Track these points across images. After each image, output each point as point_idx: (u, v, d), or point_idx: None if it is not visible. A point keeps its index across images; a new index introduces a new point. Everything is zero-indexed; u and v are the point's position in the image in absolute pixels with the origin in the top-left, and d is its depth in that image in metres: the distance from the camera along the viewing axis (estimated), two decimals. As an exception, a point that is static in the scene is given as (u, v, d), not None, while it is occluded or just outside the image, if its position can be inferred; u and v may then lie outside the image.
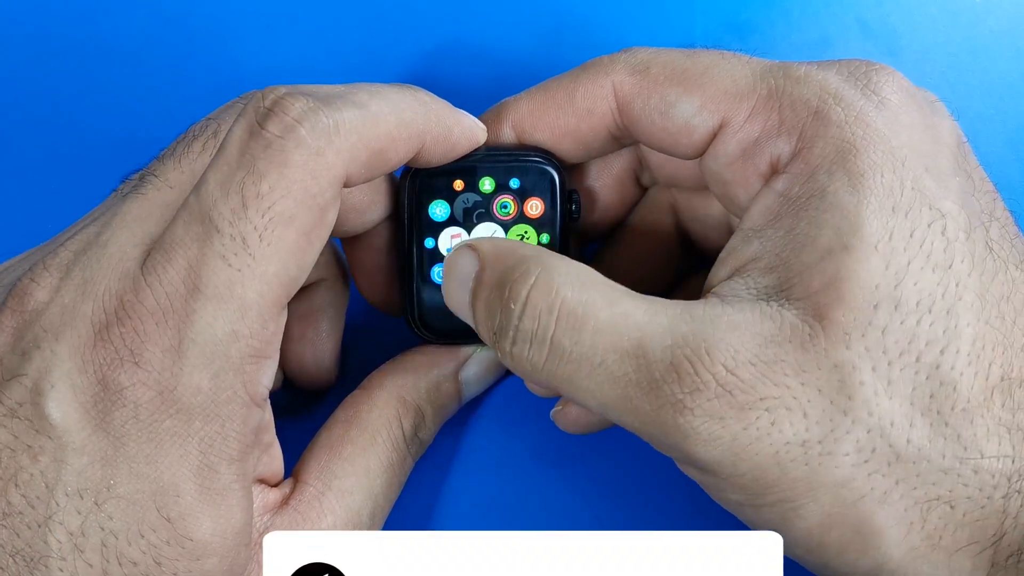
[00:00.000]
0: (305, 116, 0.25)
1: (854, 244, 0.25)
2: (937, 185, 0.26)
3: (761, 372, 0.24)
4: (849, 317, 0.24)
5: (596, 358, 0.25)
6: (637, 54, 0.30)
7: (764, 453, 0.24)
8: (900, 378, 0.24)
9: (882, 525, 0.24)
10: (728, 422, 0.24)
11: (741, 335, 0.25)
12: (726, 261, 0.28)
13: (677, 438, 0.25)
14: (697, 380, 0.24)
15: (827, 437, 0.24)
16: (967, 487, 0.24)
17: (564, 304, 0.26)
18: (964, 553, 0.25)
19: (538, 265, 0.27)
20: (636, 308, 0.26)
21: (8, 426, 0.24)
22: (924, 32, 0.41)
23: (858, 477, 0.24)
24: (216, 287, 0.24)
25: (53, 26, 0.41)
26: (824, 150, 0.26)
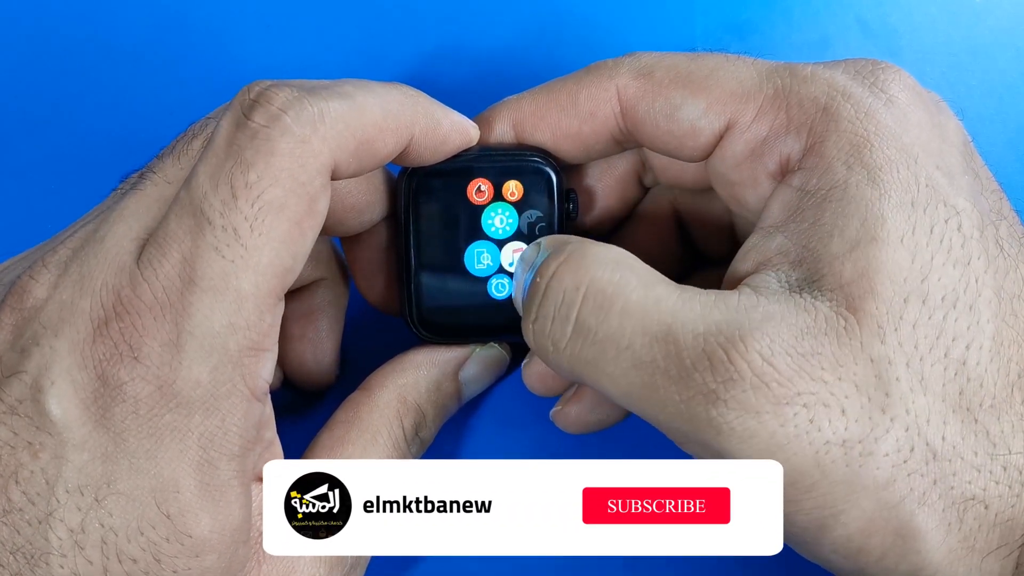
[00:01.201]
0: (290, 105, 0.25)
1: (881, 236, 0.25)
2: (949, 183, 0.26)
3: (798, 364, 0.23)
4: (882, 310, 0.24)
5: (623, 340, 0.25)
6: (641, 58, 0.30)
7: (803, 453, 0.23)
8: (931, 374, 0.24)
9: (923, 528, 0.24)
10: (765, 418, 0.23)
11: (777, 325, 0.24)
12: (748, 257, 0.27)
13: (708, 433, 0.24)
14: (731, 369, 0.23)
15: (867, 436, 0.23)
16: (998, 485, 0.24)
17: (594, 282, 0.25)
18: (994, 556, 0.24)
19: (575, 246, 0.26)
20: (669, 293, 0.25)
21: (8, 423, 0.24)
22: (924, 32, 0.41)
23: (899, 478, 0.23)
24: (211, 279, 0.24)
25: (53, 26, 0.41)
26: (838, 144, 0.26)
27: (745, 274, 0.27)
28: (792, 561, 0.27)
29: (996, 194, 0.28)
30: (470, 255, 0.32)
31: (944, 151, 0.27)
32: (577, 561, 0.34)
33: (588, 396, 0.33)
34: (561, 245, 0.27)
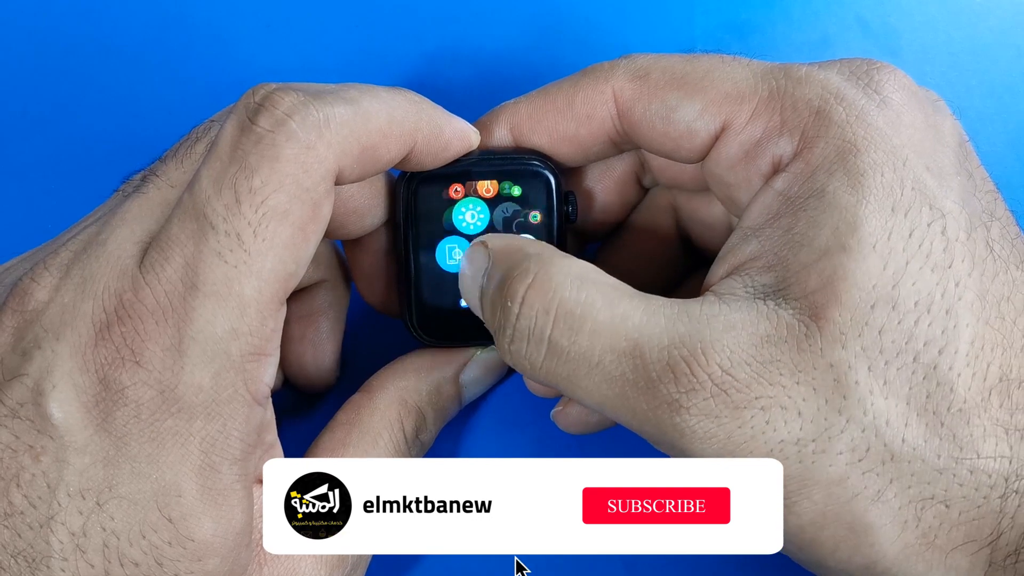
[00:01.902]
0: (295, 110, 0.25)
1: (851, 244, 0.25)
2: (938, 184, 0.26)
3: (756, 372, 0.24)
4: (845, 317, 0.24)
5: (593, 358, 0.25)
6: (637, 60, 0.30)
7: (758, 451, 0.24)
8: (896, 378, 0.24)
9: (875, 523, 0.24)
10: (723, 421, 0.24)
11: (737, 335, 0.25)
12: (725, 259, 0.28)
13: (673, 436, 0.25)
14: (693, 380, 0.24)
15: (821, 436, 0.24)
16: (963, 487, 0.24)
17: (562, 304, 0.26)
18: (960, 552, 0.25)
19: (538, 263, 0.27)
20: (635, 309, 0.26)
21: (9, 426, 0.24)
22: (924, 32, 0.41)
23: (852, 475, 0.24)
24: (214, 284, 0.24)
25: (53, 26, 0.41)
26: (825, 150, 0.26)
27: (719, 278, 0.27)
28: (791, 561, 0.27)
29: (990, 195, 0.28)
30: (441, 250, 0.32)
31: (937, 152, 0.27)
32: (577, 561, 0.34)
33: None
34: (520, 260, 0.27)
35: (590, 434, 0.34)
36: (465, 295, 0.30)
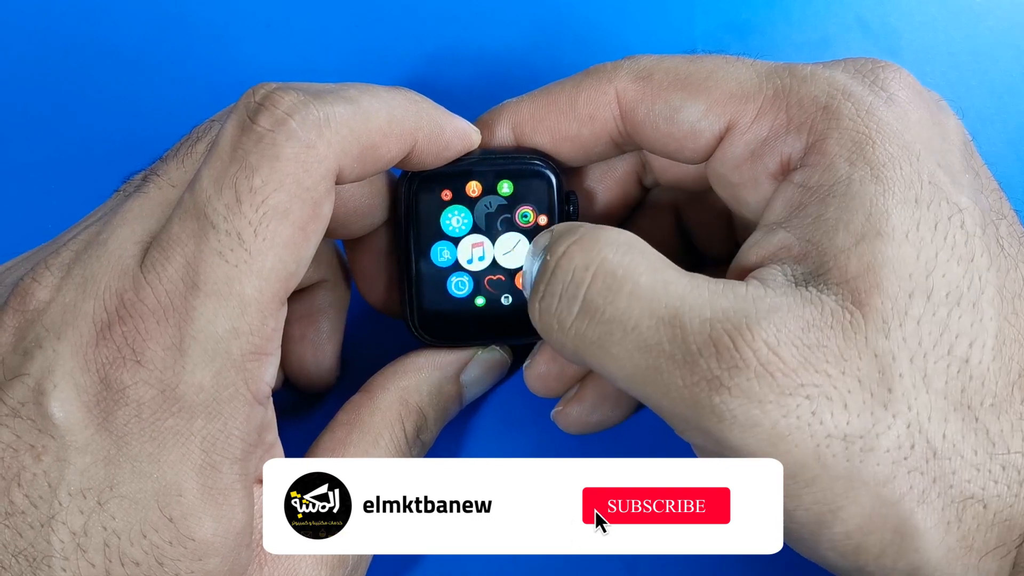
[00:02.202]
0: (295, 109, 0.25)
1: (887, 231, 0.24)
2: (951, 180, 0.26)
3: (804, 356, 0.23)
4: (887, 305, 0.24)
5: (629, 322, 0.24)
6: (640, 61, 0.30)
7: (805, 446, 0.23)
8: (934, 371, 0.24)
9: (922, 526, 0.24)
10: (768, 407, 0.23)
11: (784, 316, 0.24)
12: (750, 252, 0.27)
13: (711, 421, 0.24)
14: (737, 357, 0.23)
15: (869, 432, 0.23)
16: (997, 484, 0.24)
17: (604, 263, 0.25)
18: (992, 556, 0.24)
19: (588, 228, 0.26)
20: (678, 279, 0.25)
21: (11, 426, 0.24)
22: (924, 32, 0.41)
23: (898, 475, 0.23)
24: (215, 283, 0.24)
25: (53, 26, 0.41)
26: (840, 141, 0.26)
27: (749, 269, 0.27)
28: (792, 561, 0.27)
29: (996, 193, 0.28)
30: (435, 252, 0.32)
31: (945, 149, 0.27)
32: (576, 561, 0.34)
33: (589, 396, 0.33)
34: (573, 227, 0.27)
35: (590, 434, 0.34)
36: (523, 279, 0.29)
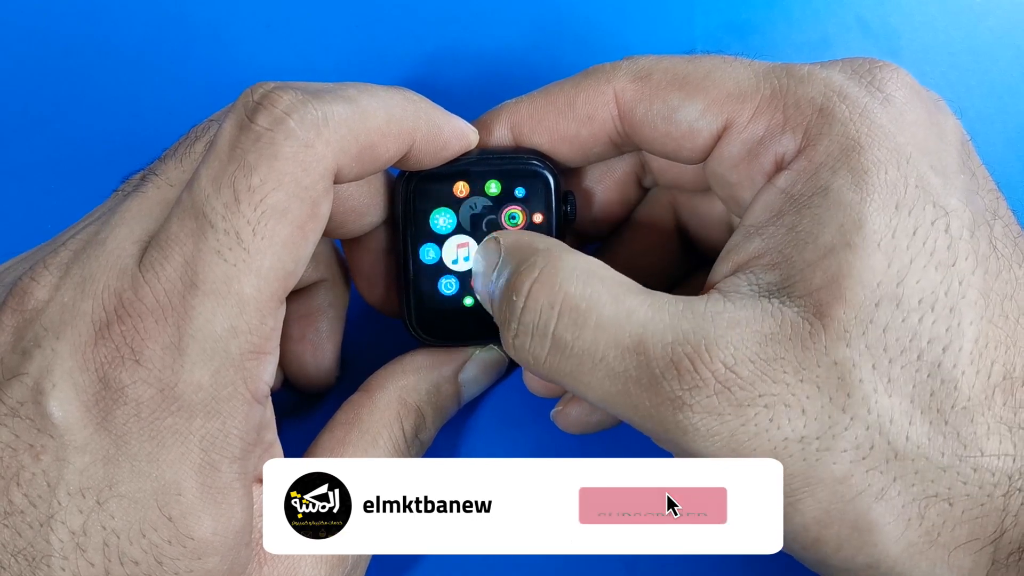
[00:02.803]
0: (294, 108, 0.25)
1: (856, 242, 0.25)
2: (942, 182, 0.26)
3: (760, 370, 0.24)
4: (850, 315, 0.24)
5: (597, 354, 0.25)
6: (638, 61, 0.30)
7: (762, 449, 0.24)
8: (901, 376, 0.24)
9: (879, 521, 0.24)
10: (726, 418, 0.24)
11: (741, 332, 0.25)
12: (728, 258, 0.28)
13: (676, 434, 0.25)
14: (696, 377, 0.24)
15: (825, 433, 0.24)
16: (966, 484, 0.24)
17: (567, 299, 0.26)
18: (963, 550, 0.25)
19: (545, 259, 0.27)
20: (640, 304, 0.26)
21: (9, 425, 0.24)
22: (924, 32, 0.41)
23: (856, 473, 0.24)
24: (213, 283, 0.24)
25: (53, 26, 0.41)
26: (828, 147, 0.26)
27: (723, 276, 0.27)
28: (792, 561, 0.27)
29: (992, 193, 0.28)
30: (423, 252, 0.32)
31: (940, 150, 0.27)
32: (576, 561, 0.34)
33: (588, 397, 0.33)
34: (529, 255, 0.27)
35: (590, 434, 0.34)
36: (476, 291, 0.30)
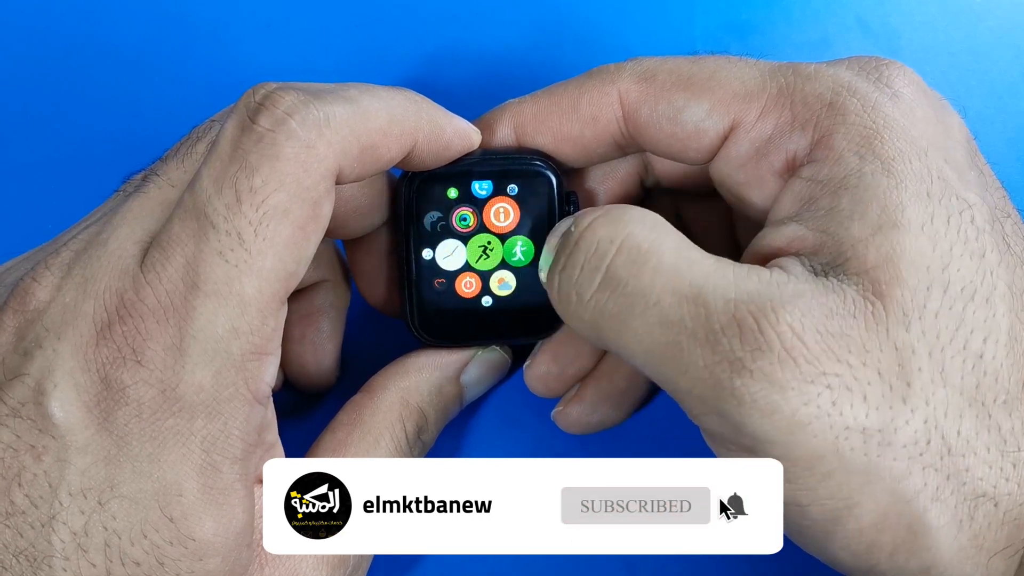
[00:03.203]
0: (296, 109, 0.25)
1: (903, 223, 0.24)
2: (958, 177, 0.26)
3: (827, 344, 0.23)
4: (907, 297, 0.24)
5: (652, 296, 0.24)
6: (643, 62, 0.30)
7: (824, 436, 0.23)
8: (951, 366, 0.24)
9: (935, 524, 0.23)
10: (790, 394, 0.23)
11: (807, 302, 0.23)
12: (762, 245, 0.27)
13: (730, 404, 0.23)
14: (760, 339, 0.23)
15: (887, 426, 0.23)
16: (1008, 482, 0.24)
17: (630, 237, 0.25)
18: (1000, 556, 0.24)
19: (614, 205, 0.26)
20: (703, 259, 0.25)
21: (11, 426, 0.24)
22: (924, 32, 0.41)
23: (914, 471, 0.23)
24: (215, 283, 0.24)
25: (53, 26, 0.41)
26: (848, 135, 0.26)
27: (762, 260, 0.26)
28: (792, 561, 0.27)
29: (999, 191, 0.28)
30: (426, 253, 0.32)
31: (950, 146, 0.27)
32: (577, 561, 0.34)
33: (589, 397, 0.33)
34: (598, 207, 0.27)
35: (590, 434, 0.34)
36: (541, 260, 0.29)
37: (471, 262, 0.32)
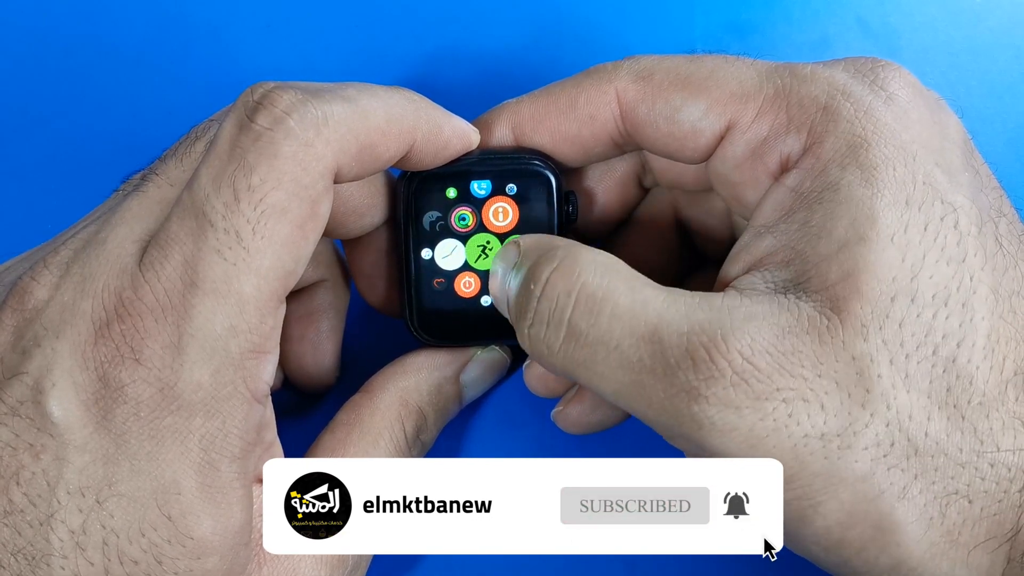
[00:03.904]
0: (294, 108, 0.25)
1: (870, 236, 0.25)
2: (948, 179, 0.26)
3: (778, 362, 0.24)
4: (867, 309, 0.24)
5: (612, 342, 0.25)
6: (640, 61, 0.30)
7: (782, 446, 0.24)
8: (918, 371, 0.24)
9: (903, 521, 0.24)
10: (744, 412, 0.24)
11: (759, 325, 0.24)
12: (739, 257, 0.28)
13: (691, 428, 0.24)
14: (713, 368, 0.24)
15: (846, 431, 0.24)
16: (984, 481, 0.24)
17: (584, 287, 0.26)
18: (982, 549, 0.24)
19: (565, 252, 0.27)
20: (656, 296, 0.26)
21: (9, 424, 0.24)
22: (924, 32, 0.41)
23: (878, 472, 0.24)
24: (213, 282, 0.24)
25: (53, 26, 0.41)
26: (835, 144, 0.26)
27: (735, 275, 0.27)
28: (792, 561, 0.27)
29: (996, 191, 0.28)
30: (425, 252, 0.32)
31: (944, 148, 0.27)
32: (577, 561, 0.34)
33: (589, 397, 0.33)
34: (549, 250, 0.27)
35: (590, 434, 0.34)
36: (493, 292, 0.30)
37: (470, 262, 0.32)
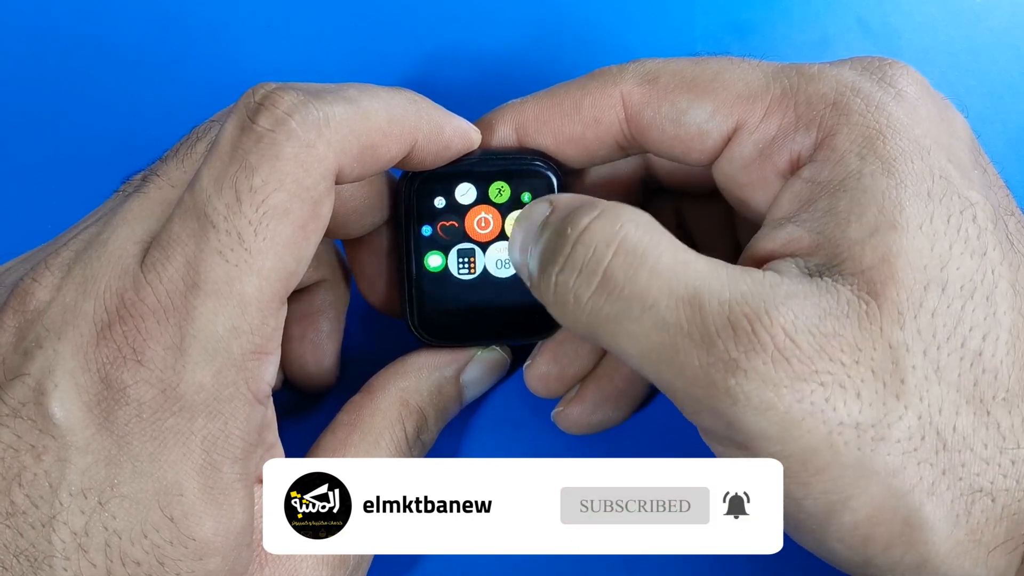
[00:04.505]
0: (295, 109, 0.25)
1: (901, 223, 0.25)
2: (961, 176, 0.26)
3: (819, 343, 0.23)
4: (903, 296, 0.24)
5: (648, 299, 0.24)
6: (645, 64, 0.30)
7: (817, 431, 0.23)
8: (947, 363, 0.24)
9: (931, 518, 0.24)
10: (783, 391, 0.23)
11: (801, 304, 0.24)
12: (758, 246, 0.27)
13: (724, 402, 0.23)
14: (755, 340, 0.23)
15: (880, 421, 0.23)
16: (1006, 479, 0.24)
17: (626, 239, 0.25)
18: (1000, 551, 0.24)
19: (606, 204, 0.26)
20: (698, 260, 0.25)
21: (11, 426, 0.24)
22: (924, 32, 0.41)
23: (909, 466, 0.23)
24: (215, 283, 0.24)
25: (53, 26, 0.41)
26: (850, 136, 0.26)
27: (758, 262, 0.27)
28: (792, 561, 0.27)
29: (1003, 190, 0.28)
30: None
31: (954, 145, 0.27)
32: (577, 561, 0.34)
33: (589, 397, 0.33)
34: (588, 201, 0.26)
35: (590, 434, 0.34)
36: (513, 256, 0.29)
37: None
